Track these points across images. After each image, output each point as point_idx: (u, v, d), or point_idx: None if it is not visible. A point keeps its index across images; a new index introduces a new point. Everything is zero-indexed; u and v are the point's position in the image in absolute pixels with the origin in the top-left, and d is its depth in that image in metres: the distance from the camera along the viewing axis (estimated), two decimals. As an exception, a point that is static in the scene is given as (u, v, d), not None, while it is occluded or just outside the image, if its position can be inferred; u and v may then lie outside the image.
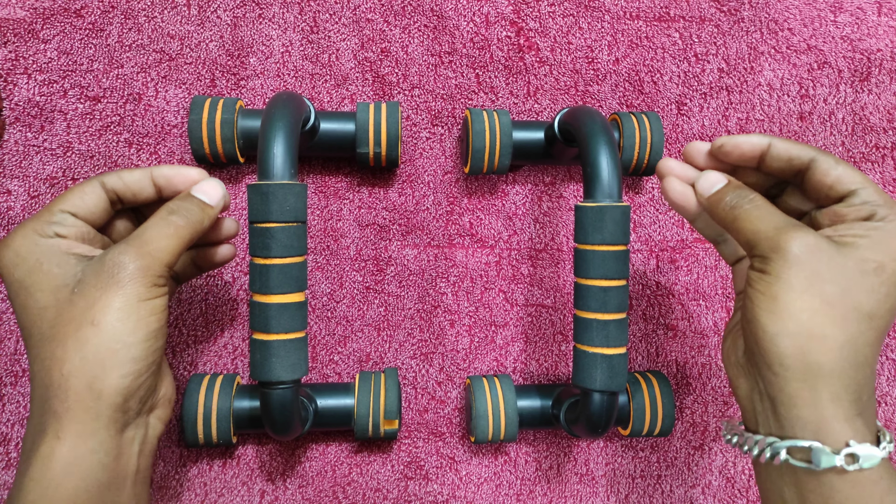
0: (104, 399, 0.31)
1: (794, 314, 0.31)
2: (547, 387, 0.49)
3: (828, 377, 0.31)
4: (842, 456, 0.30)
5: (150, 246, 0.33)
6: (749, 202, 0.35)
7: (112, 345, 0.31)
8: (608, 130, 0.41)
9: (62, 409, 0.31)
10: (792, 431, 0.32)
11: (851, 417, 0.31)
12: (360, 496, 0.49)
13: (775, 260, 0.32)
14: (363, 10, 0.52)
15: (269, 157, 0.36)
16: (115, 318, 0.31)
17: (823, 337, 0.31)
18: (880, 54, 0.55)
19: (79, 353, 0.31)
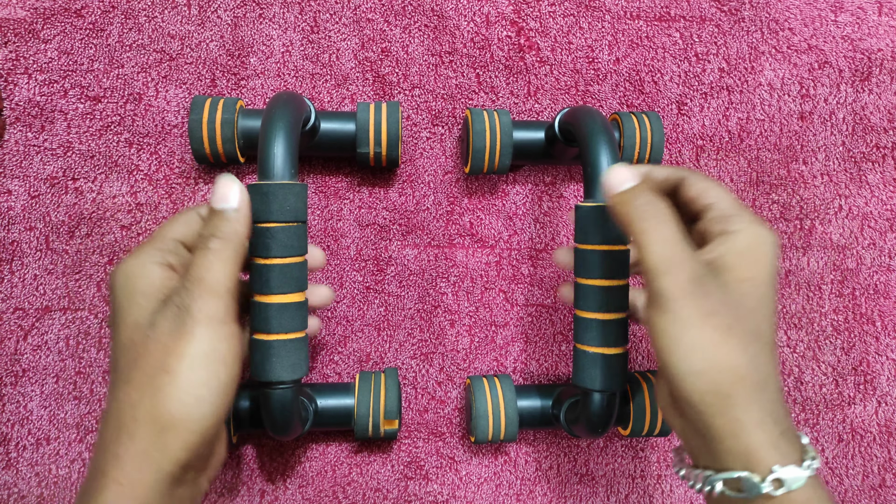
0: (168, 454, 0.30)
1: (700, 352, 0.31)
2: (547, 387, 0.49)
3: (745, 406, 0.31)
4: (768, 482, 0.30)
5: (203, 283, 0.32)
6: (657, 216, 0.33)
7: (184, 397, 0.30)
8: (608, 130, 0.41)
9: (126, 456, 0.30)
10: (724, 463, 0.32)
11: (775, 440, 0.31)
12: (360, 496, 0.49)
13: (671, 297, 0.32)
14: (363, 10, 0.52)
15: (269, 156, 0.36)
16: (187, 368, 0.30)
17: (731, 368, 0.31)
18: (881, 54, 0.55)
19: (151, 401, 0.30)
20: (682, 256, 0.32)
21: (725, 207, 0.34)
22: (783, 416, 0.32)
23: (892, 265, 0.55)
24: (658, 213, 0.33)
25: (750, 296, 0.32)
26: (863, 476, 0.54)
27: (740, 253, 0.33)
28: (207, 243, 0.32)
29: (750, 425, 0.31)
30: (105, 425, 0.31)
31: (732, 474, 0.31)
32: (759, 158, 0.54)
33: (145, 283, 0.32)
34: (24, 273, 0.48)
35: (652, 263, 0.32)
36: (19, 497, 0.47)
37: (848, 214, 0.55)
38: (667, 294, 0.32)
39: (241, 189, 0.34)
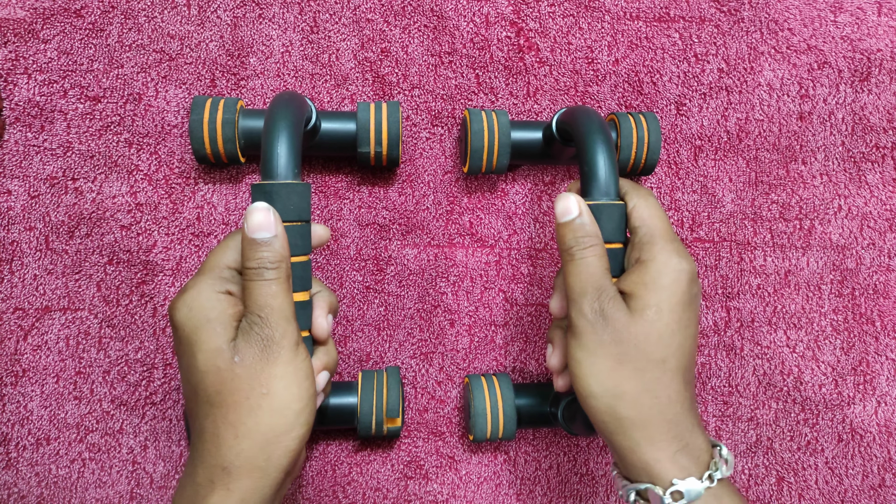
0: (273, 461, 0.33)
1: (596, 377, 0.35)
2: (545, 385, 0.49)
3: (639, 427, 0.35)
4: (668, 495, 0.34)
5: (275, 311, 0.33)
6: (580, 252, 0.36)
7: (283, 411, 0.33)
8: (605, 130, 0.41)
9: (234, 467, 0.32)
10: (633, 476, 0.36)
11: (673, 456, 0.34)
12: (360, 496, 0.49)
13: (575, 325, 0.36)
14: (363, 10, 0.52)
15: (272, 156, 0.36)
16: (282, 387, 0.33)
17: (623, 393, 0.35)
18: (880, 54, 0.55)
19: (252, 419, 0.32)
20: (592, 288, 0.36)
21: (645, 234, 0.38)
22: (688, 432, 0.35)
23: (892, 265, 0.55)
24: (583, 248, 0.36)
25: (653, 323, 0.35)
26: (863, 476, 0.54)
27: (647, 283, 0.36)
28: (262, 275, 0.34)
29: (645, 443, 0.35)
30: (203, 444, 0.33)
31: (640, 486, 0.35)
32: (758, 159, 0.54)
33: (217, 312, 0.34)
34: (24, 273, 0.48)
35: (567, 292, 0.37)
36: (19, 497, 0.47)
37: (847, 214, 0.55)
38: (574, 323, 0.36)
39: (276, 216, 0.35)
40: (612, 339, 0.35)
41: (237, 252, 0.36)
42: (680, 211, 0.54)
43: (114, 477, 0.48)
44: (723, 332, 0.53)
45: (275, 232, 0.34)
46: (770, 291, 0.54)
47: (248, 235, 0.34)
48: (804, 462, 0.53)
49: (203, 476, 0.33)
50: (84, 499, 0.47)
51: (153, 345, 0.49)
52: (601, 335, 0.35)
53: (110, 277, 0.49)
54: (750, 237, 0.54)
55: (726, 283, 0.54)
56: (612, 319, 0.35)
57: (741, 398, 0.53)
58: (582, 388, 0.36)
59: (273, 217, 0.34)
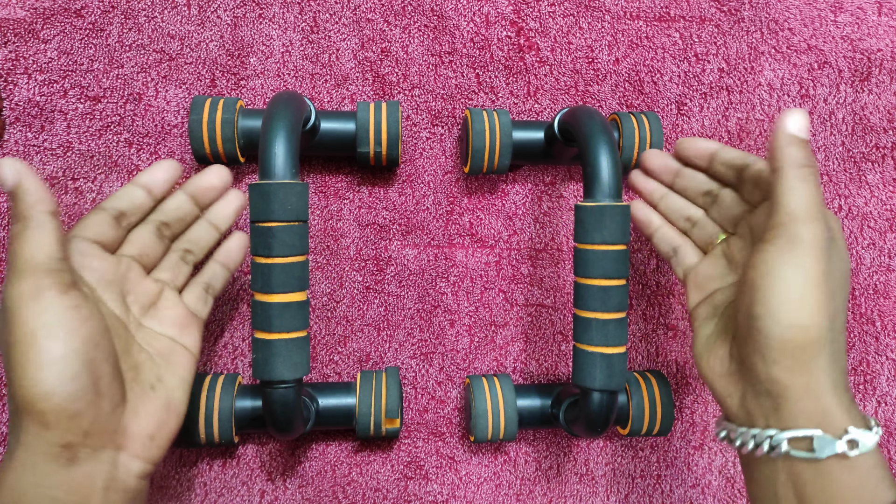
0: (33, 433, 0.30)
1: (807, 306, 0.32)
2: (546, 386, 0.49)
3: (826, 368, 0.32)
4: (843, 442, 0.31)
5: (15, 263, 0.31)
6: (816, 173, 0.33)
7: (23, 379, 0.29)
8: (608, 130, 0.41)
9: (13, 436, 0.30)
10: (795, 423, 0.32)
11: (848, 404, 0.32)
12: (360, 496, 0.49)
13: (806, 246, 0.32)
14: (363, 10, 0.52)
15: (270, 156, 0.36)
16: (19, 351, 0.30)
17: (824, 330, 0.32)
18: (880, 54, 0.55)
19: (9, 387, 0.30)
20: (821, 215, 0.33)
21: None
22: (849, 388, 0.34)
23: (892, 265, 0.55)
24: (815, 171, 0.33)
25: (845, 273, 0.34)
26: (863, 476, 0.54)
27: (836, 231, 0.35)
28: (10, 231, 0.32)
29: (827, 387, 0.32)
30: None
31: (802, 432, 0.32)
32: (758, 158, 0.54)
33: None
34: None
35: (797, 208, 0.32)
36: (19, 497, 0.47)
37: (847, 214, 0.55)
38: (804, 242, 0.32)
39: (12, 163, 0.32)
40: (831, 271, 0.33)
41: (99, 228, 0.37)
42: (680, 211, 0.54)
43: (114, 477, 0.48)
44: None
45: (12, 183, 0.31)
46: (770, 291, 0.54)
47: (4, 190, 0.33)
48: (804, 462, 0.53)
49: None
50: (84, 499, 0.47)
51: (153, 345, 0.49)
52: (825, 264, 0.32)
53: (110, 277, 0.48)
54: (750, 237, 0.54)
55: (726, 283, 0.54)
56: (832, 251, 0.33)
57: (741, 398, 0.53)
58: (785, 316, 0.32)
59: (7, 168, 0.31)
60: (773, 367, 0.32)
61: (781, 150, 0.34)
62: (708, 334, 0.38)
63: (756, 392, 0.34)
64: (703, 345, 0.38)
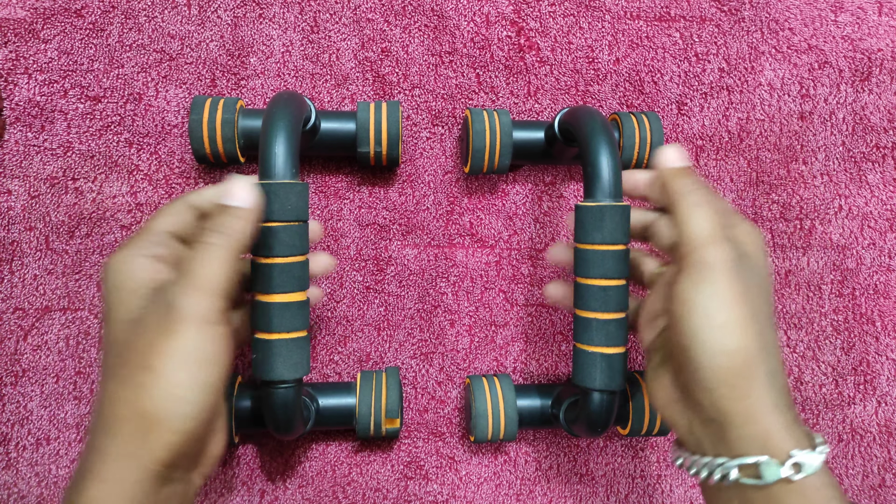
0: (153, 453, 0.29)
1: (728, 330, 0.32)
2: (546, 386, 0.49)
3: (762, 390, 0.32)
4: (787, 466, 0.31)
5: (195, 278, 0.30)
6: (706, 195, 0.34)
7: (167, 396, 0.29)
8: (608, 130, 0.41)
9: (108, 453, 0.29)
10: (740, 450, 0.32)
11: (790, 425, 0.32)
12: (360, 496, 0.49)
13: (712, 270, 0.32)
14: (363, 10, 0.52)
15: (270, 156, 0.36)
16: (171, 366, 0.29)
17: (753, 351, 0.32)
18: (881, 54, 0.55)
19: (135, 399, 0.29)
20: (723, 235, 0.33)
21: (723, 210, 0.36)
22: (792, 404, 0.33)
23: (892, 265, 0.55)
24: (706, 193, 0.34)
25: (765, 286, 0.34)
26: (863, 476, 0.54)
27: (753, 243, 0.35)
28: (207, 237, 0.31)
29: (767, 410, 0.31)
30: (93, 421, 0.31)
31: (750, 459, 0.31)
32: (758, 158, 0.54)
33: (133, 277, 0.31)
34: (24, 273, 0.48)
35: (698, 234, 0.33)
36: (19, 497, 0.47)
37: (848, 214, 0.55)
38: (711, 265, 0.32)
39: (252, 188, 0.33)
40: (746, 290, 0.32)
41: (176, 216, 0.35)
42: (680, 211, 0.54)
43: (114, 477, 0.48)
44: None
45: (247, 204, 0.33)
46: (770, 291, 0.54)
47: (218, 200, 0.33)
48: (805, 462, 0.53)
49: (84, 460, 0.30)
50: (84, 499, 0.47)
51: (153, 345, 0.49)
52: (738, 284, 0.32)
53: (110, 277, 0.48)
54: (750, 237, 0.54)
55: (727, 283, 0.54)
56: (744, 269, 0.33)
57: (742, 398, 0.53)
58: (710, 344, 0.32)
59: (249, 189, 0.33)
60: (712, 395, 0.32)
61: (668, 186, 0.35)
62: (655, 364, 0.37)
63: (701, 420, 0.33)
64: (651, 375, 0.37)
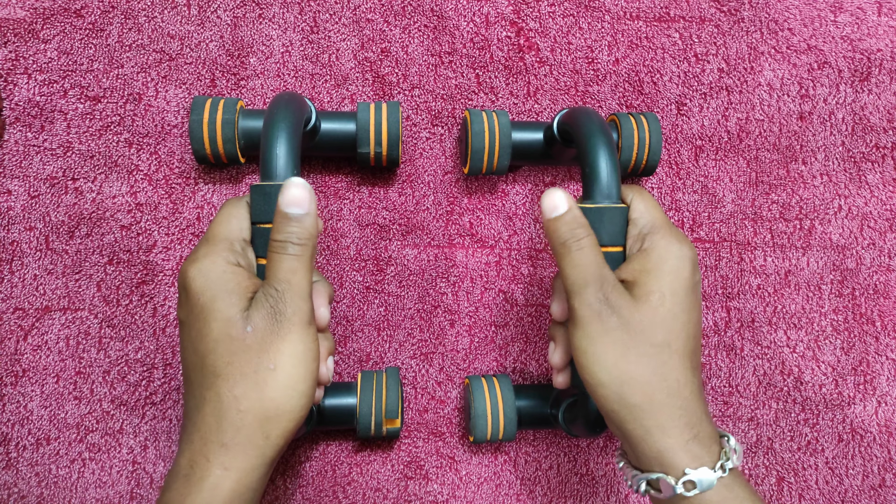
0: (272, 440, 0.33)
1: (603, 365, 0.35)
2: (546, 387, 0.49)
3: (650, 414, 0.34)
4: (680, 484, 0.33)
5: (293, 287, 0.33)
6: (576, 244, 0.36)
7: (287, 390, 0.33)
8: (606, 131, 0.41)
9: (233, 444, 0.32)
10: (644, 465, 0.35)
11: (685, 443, 0.34)
12: (360, 496, 0.50)
13: (579, 315, 0.35)
14: (363, 10, 0.52)
15: (271, 157, 0.36)
16: (290, 364, 0.33)
17: (631, 379, 0.34)
18: (880, 54, 0.55)
19: (257, 394, 0.32)
20: (593, 278, 0.35)
21: (645, 224, 0.38)
22: (698, 420, 0.35)
23: (892, 265, 0.55)
24: (578, 240, 0.36)
25: (656, 309, 0.35)
26: (863, 476, 0.54)
27: (650, 269, 0.36)
28: (287, 249, 0.34)
29: (657, 431, 0.34)
30: (201, 416, 0.33)
31: (651, 475, 0.35)
32: (758, 158, 0.54)
33: (232, 283, 0.34)
34: (24, 273, 0.48)
35: (567, 285, 0.36)
36: (19, 497, 0.47)
37: (847, 214, 0.55)
38: (577, 312, 0.35)
39: (311, 194, 0.35)
40: (618, 325, 0.34)
41: (244, 222, 0.37)
42: (680, 211, 0.54)
43: (114, 477, 0.48)
44: (723, 332, 0.53)
45: (307, 210, 0.34)
46: (770, 291, 0.54)
47: (282, 209, 0.34)
48: (804, 462, 0.53)
49: (198, 451, 0.32)
50: (84, 499, 0.47)
51: (153, 345, 0.49)
52: (606, 323, 0.35)
53: (110, 277, 0.49)
54: (750, 237, 0.54)
55: (726, 284, 0.54)
56: (616, 307, 0.35)
57: (741, 398, 0.53)
58: (590, 378, 0.35)
59: (308, 194, 0.34)
60: (612, 417, 0.35)
61: (548, 237, 0.37)
62: None
63: (620, 434, 0.36)
64: None
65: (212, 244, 0.35)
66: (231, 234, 0.36)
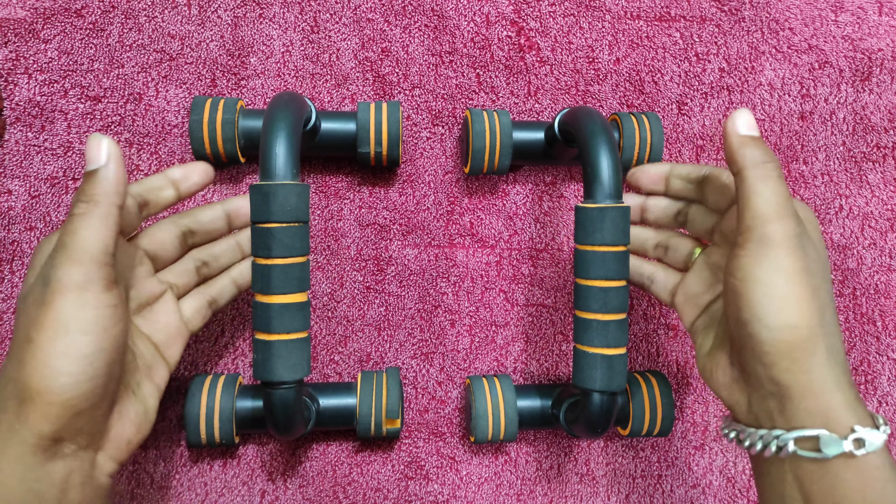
0: (29, 426, 0.29)
1: (790, 305, 0.31)
2: (547, 387, 0.49)
3: (824, 365, 0.32)
4: (849, 441, 0.30)
5: (66, 249, 0.30)
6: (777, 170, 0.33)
7: (42, 367, 0.29)
8: (608, 131, 0.41)
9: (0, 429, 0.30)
10: (800, 423, 0.32)
11: (853, 402, 0.32)
12: (360, 496, 0.49)
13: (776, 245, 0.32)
14: (363, 10, 0.52)
15: (271, 157, 0.36)
16: (46, 338, 0.29)
17: (815, 326, 0.32)
18: (881, 54, 0.55)
19: (15, 371, 0.29)
20: (789, 210, 0.32)
21: None
22: (853, 383, 0.33)
23: (893, 265, 0.55)
24: (774, 167, 0.33)
25: (824, 263, 0.34)
26: (863, 476, 0.54)
27: (809, 220, 0.35)
28: (73, 209, 0.31)
29: (830, 385, 0.31)
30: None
31: (808, 432, 0.31)
32: (759, 158, 0.54)
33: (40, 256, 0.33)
34: (24, 273, 0.48)
35: (764, 208, 0.32)
36: (20, 497, 0.47)
37: (848, 214, 0.55)
38: (776, 241, 0.32)
39: (108, 144, 0.32)
40: (809, 267, 0.32)
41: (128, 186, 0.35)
42: (681, 211, 0.54)
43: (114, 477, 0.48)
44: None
45: (101, 162, 0.31)
46: (771, 291, 0.54)
47: (85, 169, 0.32)
48: (805, 462, 0.53)
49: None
50: (85, 499, 0.47)
51: (153, 345, 0.49)
52: (802, 260, 0.32)
53: (111, 278, 0.48)
54: (751, 237, 0.54)
55: (727, 284, 0.54)
56: (808, 246, 0.33)
57: (742, 398, 0.53)
58: (772, 318, 0.32)
59: (103, 148, 0.31)
60: (772, 370, 0.32)
61: (737, 153, 0.34)
62: (708, 346, 0.38)
63: (761, 395, 0.33)
64: (706, 357, 0.38)
65: None
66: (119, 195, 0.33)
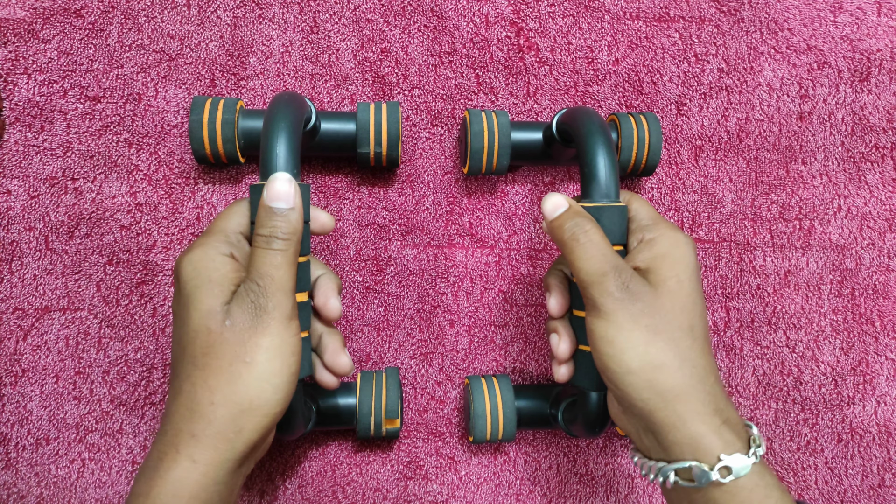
0: (243, 435, 0.32)
1: (632, 352, 0.34)
2: (545, 387, 0.49)
3: (682, 399, 0.33)
4: (716, 471, 0.32)
5: (275, 282, 0.33)
6: (584, 235, 0.36)
7: (262, 384, 0.32)
8: (605, 131, 0.41)
9: (203, 435, 0.32)
10: (674, 455, 0.34)
11: (717, 429, 0.33)
12: (359, 496, 0.50)
13: (601, 305, 0.35)
14: (363, 11, 0.52)
15: (271, 157, 0.36)
16: (266, 359, 0.32)
17: (662, 364, 0.34)
18: (880, 54, 0.55)
19: (231, 387, 0.32)
20: (610, 267, 0.35)
21: (643, 218, 0.38)
22: (724, 406, 0.34)
23: (891, 265, 0.55)
24: (585, 232, 0.36)
25: (676, 294, 0.35)
26: (862, 476, 0.54)
27: (662, 256, 0.36)
28: (271, 244, 0.34)
29: (690, 417, 0.33)
30: (176, 406, 0.33)
31: (683, 464, 0.33)
32: (758, 159, 0.54)
33: (218, 274, 0.34)
34: (24, 273, 0.48)
35: (583, 277, 0.35)
36: (19, 497, 0.47)
37: (847, 214, 0.55)
38: (597, 302, 0.35)
39: (296, 189, 0.35)
40: (644, 312, 0.34)
41: (245, 217, 0.37)
42: (680, 211, 0.54)
43: (114, 477, 0.48)
44: (722, 332, 0.53)
45: (292, 204, 0.34)
46: (770, 291, 0.54)
47: (266, 204, 0.34)
48: (804, 462, 0.53)
49: (169, 443, 0.32)
50: (83, 499, 0.47)
51: (153, 345, 0.49)
52: (631, 310, 0.34)
53: (110, 277, 0.49)
54: (750, 237, 0.54)
55: (726, 284, 0.54)
56: (639, 294, 0.34)
57: (741, 398, 0.53)
58: (618, 366, 0.34)
59: (293, 189, 0.35)
60: (639, 407, 0.34)
61: (554, 237, 0.37)
62: None
63: (642, 427, 0.36)
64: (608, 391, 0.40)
65: (207, 235, 0.36)
66: (228, 226, 0.36)
